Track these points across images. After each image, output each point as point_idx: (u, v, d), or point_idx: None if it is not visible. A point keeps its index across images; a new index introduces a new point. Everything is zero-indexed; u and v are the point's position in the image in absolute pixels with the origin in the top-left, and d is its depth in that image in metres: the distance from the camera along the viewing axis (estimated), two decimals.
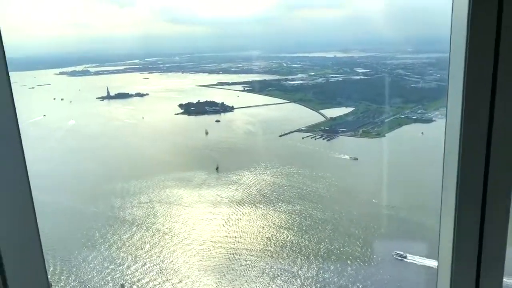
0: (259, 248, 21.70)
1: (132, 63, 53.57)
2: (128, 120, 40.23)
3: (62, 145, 34.02)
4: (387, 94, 41.72)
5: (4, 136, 2.07)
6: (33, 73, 51.45)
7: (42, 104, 43.18)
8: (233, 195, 27.02)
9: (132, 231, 23.44)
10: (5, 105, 2.08)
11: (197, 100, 42.52)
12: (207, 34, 47.63)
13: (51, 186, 26.19)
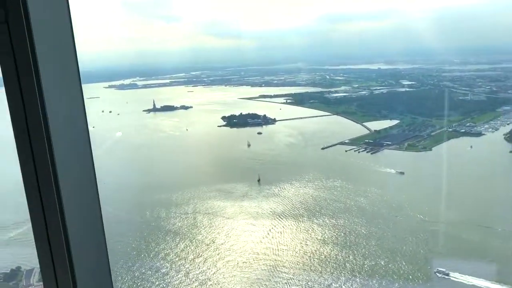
0: (301, 262, 21.41)
1: (178, 76, 54.95)
2: (172, 132, 41.10)
3: (109, 155, 35.09)
4: (434, 106, 40.61)
5: (77, 147, 2.23)
6: (83, 86, 54.94)
7: (91, 116, 44.63)
8: (274, 207, 26.91)
9: (176, 241, 23.74)
10: (79, 118, 2.25)
11: (239, 112, 43.00)
12: (250, 48, 48.29)
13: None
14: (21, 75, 2.07)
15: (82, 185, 2.34)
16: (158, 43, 52.52)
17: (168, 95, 48.67)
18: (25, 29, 2.09)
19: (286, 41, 50.41)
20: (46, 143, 2.07)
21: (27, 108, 2.10)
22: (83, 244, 2.27)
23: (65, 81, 2.29)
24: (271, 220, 24.96)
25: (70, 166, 2.24)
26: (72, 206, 2.22)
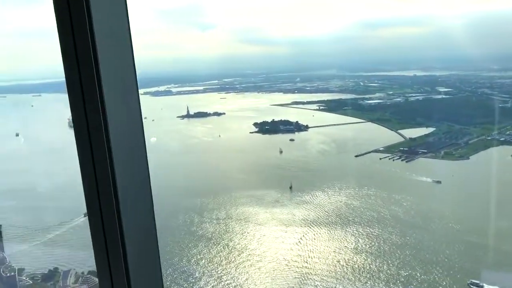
0: (333, 270, 21.17)
1: (211, 83, 55.58)
2: (205, 138, 41.55)
3: None
4: (472, 114, 39.47)
5: (134, 152, 2.33)
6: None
7: None
8: (306, 215, 26.74)
9: (208, 246, 23.94)
10: (137, 124, 2.36)
11: (271, 119, 43.01)
12: (283, 54, 48.29)
13: None
14: (84, 84, 2.17)
15: (138, 190, 2.43)
16: (193, 50, 53.37)
17: (201, 102, 49.30)
18: (89, 39, 2.19)
19: (319, 47, 50.11)
20: (106, 148, 2.16)
21: (89, 115, 2.20)
22: (138, 247, 2.35)
23: (124, 89, 2.38)
24: (302, 227, 24.82)
25: (127, 172, 2.34)
26: (128, 210, 2.30)
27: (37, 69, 33.21)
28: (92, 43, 2.18)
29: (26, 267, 20.62)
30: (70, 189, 28.08)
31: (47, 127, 35.69)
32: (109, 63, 2.23)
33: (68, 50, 2.22)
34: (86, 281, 19.98)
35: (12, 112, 36.05)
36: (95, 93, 2.15)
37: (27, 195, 26.70)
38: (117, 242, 2.21)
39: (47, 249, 23.21)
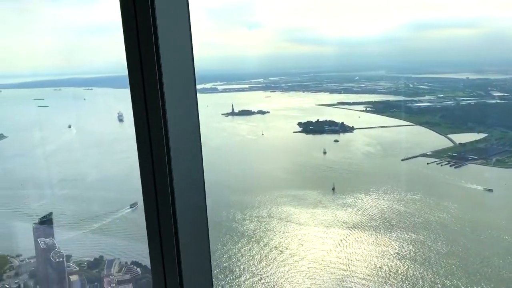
0: (374, 275, 20.79)
1: (257, 81, 55.68)
2: (249, 136, 41.71)
3: None
4: None
5: (191, 151, 2.40)
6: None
7: None
8: (348, 217, 26.35)
9: (250, 244, 24.07)
10: (194, 123, 2.43)
11: (316, 119, 42.54)
12: (330, 54, 47.56)
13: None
14: (146, 82, 2.24)
15: (192, 187, 2.50)
16: (240, 48, 53.66)
17: (246, 100, 49.53)
18: (153, 37, 2.25)
19: (368, 48, 49.04)
20: (165, 146, 2.23)
21: (149, 112, 2.27)
22: (191, 245, 2.41)
23: (184, 87, 2.45)
24: (344, 229, 24.47)
25: (184, 169, 2.42)
26: (183, 206, 2.37)
27: (90, 64, 34.43)
28: (156, 42, 2.22)
29: (73, 254, 21.41)
30: (117, 181, 29.03)
31: (98, 120, 36.98)
32: (171, 61, 2.29)
33: (132, 48, 2.28)
34: (129, 271, 20.52)
35: (66, 104, 37.58)
36: (156, 90, 2.21)
37: (77, 185, 27.77)
38: (171, 241, 2.27)
39: (94, 238, 23.99)
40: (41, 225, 21.05)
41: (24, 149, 31.72)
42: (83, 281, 19.85)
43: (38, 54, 31.36)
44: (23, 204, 26.27)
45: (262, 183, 31.14)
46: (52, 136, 32.69)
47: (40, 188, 27.84)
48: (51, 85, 36.52)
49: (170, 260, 2.35)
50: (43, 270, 20.10)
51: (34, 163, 30.38)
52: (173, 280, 2.38)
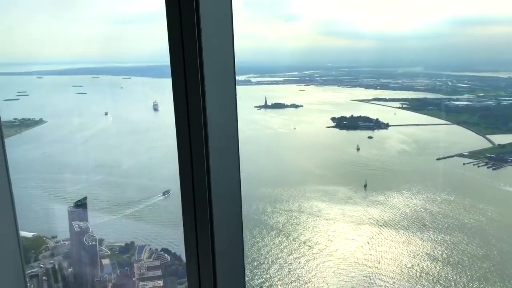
0: (404, 275, 20.45)
1: (291, 75, 55.28)
2: (280, 129, 41.53)
3: None
4: None
5: (229, 144, 2.41)
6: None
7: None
8: (378, 215, 25.95)
9: (279, 238, 24.08)
10: (233, 117, 2.45)
11: (350, 114, 41.89)
12: (368, 49, 46.59)
13: None
14: (187, 72, 2.24)
15: (229, 182, 2.52)
16: (275, 41, 53.34)
17: (280, 93, 49.30)
18: (196, 28, 2.25)
19: (406, 44, 47.80)
20: (203, 135, 2.25)
21: (190, 102, 2.29)
22: (225, 240, 2.43)
23: (224, 78, 2.46)
24: (373, 227, 24.11)
25: (220, 161, 2.44)
26: (220, 201, 2.39)
27: (128, 53, 34.99)
28: (198, 34, 2.23)
29: (106, 238, 21.92)
30: (150, 169, 29.53)
31: (133, 109, 37.63)
32: (212, 53, 2.28)
33: (175, 39, 2.29)
34: (159, 257, 20.85)
35: (103, 92, 38.40)
36: (197, 80, 2.22)
37: (112, 171, 28.40)
38: (207, 236, 2.28)
39: (126, 223, 24.50)
40: (76, 209, 21.61)
41: (62, 134, 32.64)
42: (114, 265, 20.29)
43: (79, 42, 32.13)
44: (59, 188, 27.08)
45: (292, 177, 31.01)
46: (89, 122, 33.50)
47: (76, 173, 28.63)
48: (89, 72, 37.37)
49: (204, 246, 2.37)
50: (76, 252, 20.68)
51: (71, 148, 31.24)
52: (207, 267, 2.40)
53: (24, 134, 31.00)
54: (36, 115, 32.83)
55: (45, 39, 32.67)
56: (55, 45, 32.98)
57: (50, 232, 22.18)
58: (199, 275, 2.52)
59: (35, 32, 32.04)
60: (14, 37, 31.19)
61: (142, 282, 19.58)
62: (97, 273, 19.67)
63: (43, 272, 19.90)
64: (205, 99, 2.32)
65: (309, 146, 39.34)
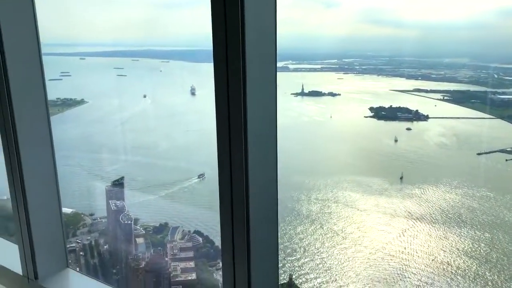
0: (435, 270, 20.05)
1: (329, 62, 54.41)
2: (316, 117, 41.13)
3: None
4: None
5: (267, 141, 2.44)
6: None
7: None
8: (413, 209, 25.42)
9: (312, 227, 24.03)
10: (272, 115, 2.48)
11: (389, 105, 40.97)
12: (410, 38, 45.09)
13: None
14: (229, 56, 2.25)
15: (265, 162, 2.56)
16: (315, 28, 52.59)
17: (317, 81, 48.70)
18: (239, 14, 2.25)
19: (452, 34, 45.97)
20: (242, 121, 2.28)
21: (230, 86, 2.31)
22: (261, 233, 2.48)
23: (265, 64, 2.49)
24: (407, 220, 23.66)
25: (259, 148, 2.47)
26: (257, 189, 2.42)
27: (168, 37, 35.33)
28: (242, 19, 2.22)
29: (140, 218, 22.45)
30: (186, 152, 29.93)
31: (171, 92, 38.12)
32: (255, 37, 2.28)
33: (218, 23, 2.29)
34: (191, 239, 21.19)
35: (142, 75, 39.08)
36: (239, 64, 2.23)
37: (149, 153, 29.00)
38: (242, 228, 2.30)
39: (160, 204, 25.00)
40: (113, 188, 22.17)
41: (102, 115, 33.47)
42: (148, 245, 20.76)
43: (121, 25, 32.64)
44: (97, 167, 27.88)
45: (327, 166, 30.77)
46: (128, 104, 34.22)
47: (114, 153, 29.38)
48: (130, 55, 38.02)
49: (239, 230, 2.40)
50: (112, 230, 21.28)
51: (110, 129, 32.03)
52: (241, 249, 2.42)
53: (66, 114, 31.95)
54: (78, 96, 33.77)
55: (88, 22, 33.37)
56: (98, 28, 33.64)
57: (88, 209, 22.86)
58: (234, 264, 2.55)
59: (79, 14, 32.77)
60: (58, 19, 32.02)
61: (174, 262, 19.96)
62: (132, 251, 20.17)
63: (80, 248, 20.55)
64: (245, 85, 2.33)
65: (345, 135, 38.84)
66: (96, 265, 20.47)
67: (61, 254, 5.25)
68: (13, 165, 4.74)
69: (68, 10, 33.16)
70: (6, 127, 4.60)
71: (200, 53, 27.12)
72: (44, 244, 5.06)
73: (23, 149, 4.65)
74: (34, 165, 4.85)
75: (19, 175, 4.69)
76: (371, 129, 42.55)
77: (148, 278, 19.38)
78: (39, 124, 4.82)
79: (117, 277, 20.28)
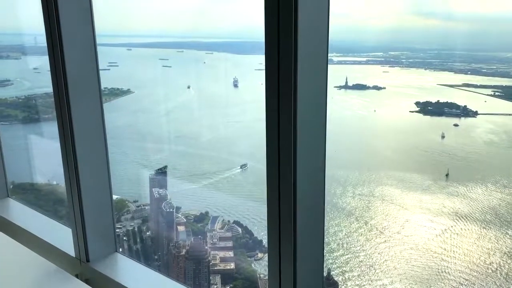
0: (480, 272, 19.42)
1: (375, 55, 53.25)
2: (359, 111, 40.40)
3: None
4: None
5: (317, 135, 2.47)
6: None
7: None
8: (458, 207, 24.61)
9: (349, 220, 23.77)
10: (322, 107, 2.50)
11: (436, 100, 39.69)
12: (461, 31, 43.56)
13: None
14: (281, 50, 2.27)
15: (314, 162, 2.58)
16: (360, 19, 51.68)
17: (362, 74, 47.80)
18: (293, 13, 2.27)
19: (504, 27, 44.11)
20: (292, 117, 2.31)
21: (281, 81, 2.33)
22: (308, 232, 2.50)
23: (316, 60, 2.51)
24: (451, 220, 22.93)
25: (307, 142, 2.48)
26: (304, 182, 2.44)
27: (212, 28, 35.68)
28: (295, 12, 2.23)
29: (182, 206, 22.88)
30: (228, 143, 30.24)
31: (214, 84, 38.51)
32: (308, 32, 2.28)
33: (271, 16, 2.30)
34: (231, 229, 21.43)
35: (187, 66, 39.66)
36: (290, 60, 2.24)
37: (191, 143, 29.50)
38: (289, 229, 2.31)
39: (202, 194, 25.38)
40: (156, 176, 22.67)
41: (146, 104, 34.25)
42: (189, 233, 21.13)
43: (166, 17, 33.21)
44: (142, 155, 28.60)
45: (369, 160, 30.22)
46: (172, 94, 34.85)
47: (158, 142, 30.04)
48: (175, 46, 38.65)
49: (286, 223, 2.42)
50: (155, 217, 21.81)
51: (154, 118, 32.74)
52: (287, 241, 2.44)
53: (113, 103, 32.88)
54: (124, 85, 34.68)
55: (135, 13, 34.16)
56: (144, 18, 34.38)
57: (131, 196, 23.48)
58: (280, 256, 2.57)
59: (126, 5, 33.59)
60: (107, 10, 32.85)
61: (213, 251, 20.25)
62: (173, 238, 20.60)
63: (124, 233, 21.19)
64: (296, 79, 2.33)
65: (388, 130, 37.98)
66: (138, 251, 21.04)
67: (111, 239, 5.46)
68: (68, 152, 4.96)
69: (120, 2, 34.11)
70: (63, 117, 4.82)
71: (244, 45, 27.23)
72: (96, 228, 5.28)
73: (78, 137, 4.86)
74: (87, 152, 5.07)
75: (74, 162, 4.92)
76: (417, 124, 41.36)
77: (188, 265, 19.76)
78: (93, 113, 5.03)
79: (158, 263, 20.78)
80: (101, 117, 5.09)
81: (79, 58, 4.79)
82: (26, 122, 27.97)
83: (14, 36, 32.41)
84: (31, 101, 28.48)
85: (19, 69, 30.23)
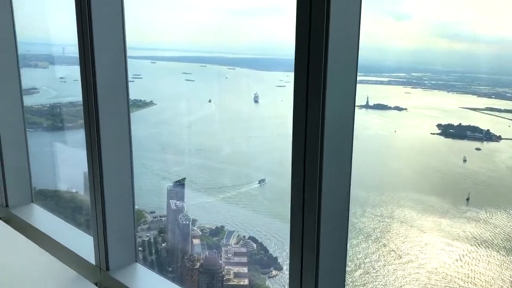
0: None
1: (397, 76, 52.94)
2: (380, 131, 40.02)
3: None
4: None
5: (343, 146, 2.50)
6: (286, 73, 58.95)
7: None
8: (478, 233, 23.98)
9: (367, 243, 23.40)
10: (350, 118, 2.54)
11: (458, 122, 39.12)
12: (486, 54, 43.16)
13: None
14: (311, 64, 2.30)
15: (340, 186, 2.58)
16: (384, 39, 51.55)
17: (383, 94, 47.46)
18: (325, 19, 2.31)
19: None
20: (320, 135, 2.32)
21: (309, 94, 2.36)
22: (331, 244, 2.50)
23: (345, 75, 2.53)
24: (471, 244, 22.34)
25: (334, 157, 2.49)
26: (329, 203, 2.45)
27: (236, 44, 36.08)
28: (326, 26, 2.26)
29: (198, 219, 22.88)
30: (247, 157, 30.24)
31: (235, 99, 38.73)
32: (338, 50, 2.30)
33: (302, 34, 2.34)
34: (246, 245, 21.28)
35: (209, 80, 40.05)
36: (319, 78, 2.26)
37: (211, 156, 29.59)
38: (312, 240, 2.32)
39: (218, 208, 25.34)
40: (174, 188, 22.74)
41: (168, 117, 34.59)
42: (204, 246, 21.05)
43: (193, 31, 33.72)
44: (161, 167, 28.79)
45: (388, 182, 29.82)
46: (194, 108, 35.16)
47: (178, 154, 30.25)
48: (199, 61, 39.11)
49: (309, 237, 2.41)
50: (171, 229, 21.83)
51: (175, 131, 33.01)
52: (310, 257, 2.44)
53: (136, 114, 33.29)
54: (147, 97, 35.15)
55: (161, 26, 34.79)
56: (169, 32, 34.95)
57: (149, 207, 23.59)
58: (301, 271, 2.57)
59: (152, 18, 34.27)
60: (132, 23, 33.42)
61: (228, 266, 20.13)
62: (188, 251, 20.57)
63: (140, 243, 21.25)
64: (325, 97, 2.35)
65: (409, 151, 37.46)
66: (153, 261, 21.06)
67: (131, 248, 5.51)
68: (94, 161, 5.06)
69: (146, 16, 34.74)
70: (91, 125, 4.92)
71: (266, 61, 27.34)
72: (117, 237, 5.34)
73: (104, 147, 4.96)
74: (113, 162, 5.16)
75: (99, 171, 5.00)
76: (438, 147, 40.64)
77: (202, 279, 19.67)
78: (120, 123, 5.12)
79: (173, 275, 20.75)
80: (128, 128, 5.19)
81: (109, 69, 4.91)
82: (50, 130, 28.50)
83: (43, 46, 33.13)
84: (55, 109, 29.08)
85: (46, 78, 30.94)
